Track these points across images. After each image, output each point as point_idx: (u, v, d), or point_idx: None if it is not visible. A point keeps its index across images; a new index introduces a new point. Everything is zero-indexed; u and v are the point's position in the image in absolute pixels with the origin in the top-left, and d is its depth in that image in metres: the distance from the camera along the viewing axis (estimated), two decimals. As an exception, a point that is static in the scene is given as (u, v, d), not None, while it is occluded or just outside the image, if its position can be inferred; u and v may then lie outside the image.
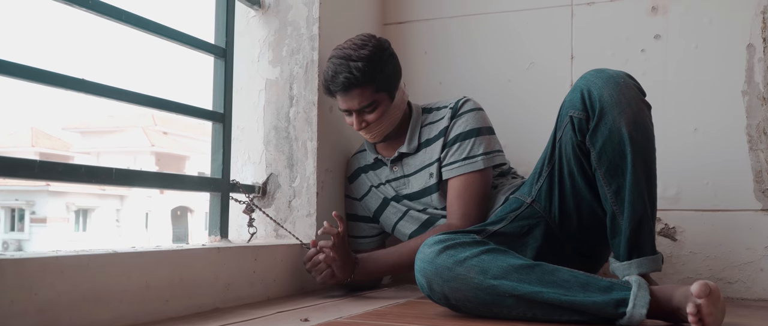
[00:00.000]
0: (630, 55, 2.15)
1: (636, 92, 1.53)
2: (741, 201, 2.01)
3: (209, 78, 1.91)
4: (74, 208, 25.80)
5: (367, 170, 2.05)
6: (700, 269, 2.03)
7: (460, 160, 1.85)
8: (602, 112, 1.50)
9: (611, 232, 1.56)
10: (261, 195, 2.02)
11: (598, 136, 1.51)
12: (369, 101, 1.82)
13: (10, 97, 42.72)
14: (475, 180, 1.84)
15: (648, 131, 1.52)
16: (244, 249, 1.67)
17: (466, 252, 1.44)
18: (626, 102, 1.49)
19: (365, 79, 1.78)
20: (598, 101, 1.50)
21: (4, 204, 25.26)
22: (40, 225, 24.92)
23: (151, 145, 28.27)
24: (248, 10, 2.08)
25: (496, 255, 1.44)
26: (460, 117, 1.88)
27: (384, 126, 1.89)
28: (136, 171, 1.57)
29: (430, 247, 1.47)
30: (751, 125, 2.01)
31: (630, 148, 1.48)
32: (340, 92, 1.80)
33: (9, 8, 49.40)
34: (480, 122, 1.88)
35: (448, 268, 1.43)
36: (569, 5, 2.23)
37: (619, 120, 1.48)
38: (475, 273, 1.41)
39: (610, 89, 1.50)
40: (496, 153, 1.89)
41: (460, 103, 1.91)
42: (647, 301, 1.31)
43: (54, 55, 47.25)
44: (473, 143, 1.85)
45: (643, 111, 1.52)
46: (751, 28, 2.03)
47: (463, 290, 1.42)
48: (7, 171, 1.23)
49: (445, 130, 1.89)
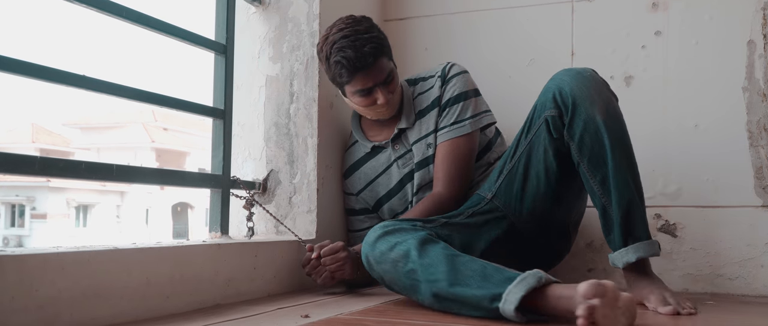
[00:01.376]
0: (630, 51, 2.14)
1: (604, 85, 1.62)
2: (741, 198, 2.01)
3: (210, 74, 1.91)
4: (75, 204, 25.82)
5: (363, 163, 2.03)
6: (700, 265, 2.03)
7: (448, 125, 1.89)
8: (575, 105, 1.57)
9: (605, 228, 1.62)
10: (261, 191, 2.02)
11: (575, 129, 1.58)
12: (390, 69, 1.85)
13: (11, 93, 42.73)
14: (461, 144, 1.87)
15: (620, 120, 1.59)
16: (244, 245, 1.67)
17: (398, 238, 1.51)
18: (597, 94, 1.57)
19: (385, 47, 1.83)
20: (570, 96, 1.58)
21: (5, 199, 25.27)
22: (41, 221, 24.94)
23: (152, 141, 28.28)
24: (249, 7, 2.08)
25: (424, 244, 1.47)
26: (449, 81, 1.92)
27: (398, 96, 1.92)
28: (136, 168, 1.57)
29: (374, 232, 1.56)
30: (752, 121, 2.01)
31: (607, 136, 1.54)
32: (368, 66, 1.78)
33: (10, 4, 49.39)
34: (467, 85, 1.92)
35: (382, 252, 1.52)
36: (570, 1, 2.23)
37: (592, 110, 1.56)
38: (399, 257, 1.49)
39: (580, 84, 1.58)
40: (483, 113, 1.92)
41: (446, 68, 1.94)
42: (519, 298, 1.27)
43: (55, 51, 47.25)
44: (461, 107, 1.89)
45: (612, 102, 1.61)
46: (752, 25, 2.02)
47: (390, 273, 1.51)
48: (7, 167, 1.23)
49: (438, 98, 1.92)
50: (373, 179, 2.01)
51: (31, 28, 50.50)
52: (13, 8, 50.47)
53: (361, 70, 1.79)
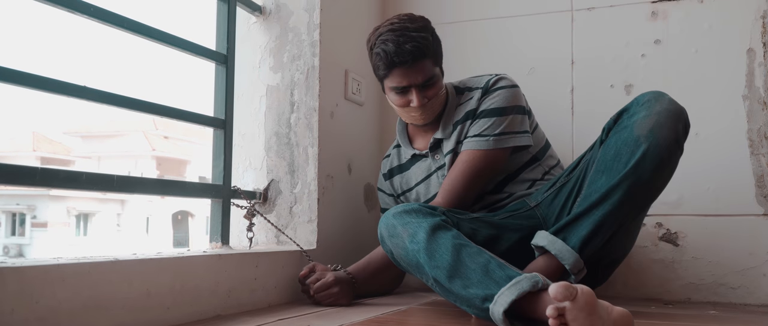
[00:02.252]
0: (630, 59, 2.15)
1: (678, 116, 1.50)
2: (743, 206, 2.00)
3: (210, 83, 1.92)
4: (75, 213, 25.79)
5: (406, 168, 1.98)
6: (702, 274, 2.02)
7: (471, 136, 1.79)
8: (629, 108, 1.54)
9: (560, 207, 1.66)
10: (262, 201, 2.02)
11: (613, 131, 1.55)
12: (431, 74, 1.76)
13: (12, 102, 42.80)
14: (476, 158, 1.77)
15: (665, 150, 1.47)
16: (245, 255, 1.67)
17: (413, 219, 1.52)
18: (660, 110, 1.49)
19: (430, 50, 1.75)
20: (635, 102, 1.54)
21: (5, 208, 25.25)
22: (41, 230, 24.90)
23: (152, 149, 28.28)
24: (249, 17, 2.09)
25: (436, 230, 1.48)
26: (489, 94, 1.80)
27: (439, 103, 1.83)
28: (137, 178, 1.57)
29: (394, 209, 1.58)
30: (752, 130, 2.01)
31: (633, 153, 1.47)
32: (407, 64, 1.72)
33: (12, 15, 49.53)
34: (507, 101, 1.78)
35: (394, 227, 1.54)
36: (569, 10, 2.23)
37: (641, 120, 1.49)
38: (409, 236, 1.50)
39: (653, 95, 1.53)
40: (515, 134, 1.78)
41: (491, 81, 1.82)
42: (509, 301, 1.27)
43: (57, 61, 47.34)
44: (492, 122, 1.77)
45: (672, 129, 1.48)
46: (751, 33, 2.03)
47: (399, 249, 1.53)
48: (8, 179, 1.23)
49: (473, 111, 1.81)
50: (413, 186, 1.96)
51: (33, 38, 50.64)
52: (16, 18, 50.62)
53: (398, 66, 1.73)
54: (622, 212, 1.50)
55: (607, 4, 2.19)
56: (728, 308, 1.86)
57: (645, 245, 2.07)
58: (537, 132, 1.89)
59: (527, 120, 1.82)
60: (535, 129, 1.89)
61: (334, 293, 1.72)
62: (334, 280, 1.72)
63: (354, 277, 1.78)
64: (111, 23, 1.51)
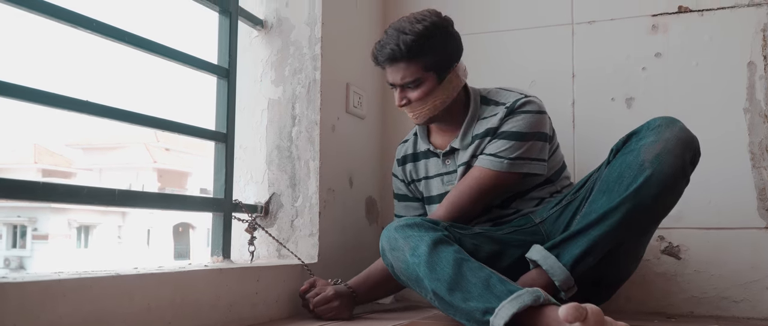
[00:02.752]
0: (631, 72, 2.15)
1: (687, 145, 1.49)
2: (745, 219, 2.00)
3: (211, 95, 1.92)
4: (76, 225, 25.79)
5: (418, 159, 1.96)
6: (704, 288, 2.02)
7: (487, 154, 1.76)
8: (639, 131, 1.54)
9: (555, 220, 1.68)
10: (263, 214, 2.02)
11: (620, 153, 1.55)
12: (413, 78, 1.74)
13: (13, 114, 42.89)
14: (487, 178, 1.74)
15: (669, 178, 1.47)
16: (246, 270, 1.67)
17: (415, 232, 1.52)
18: (669, 137, 1.48)
19: (411, 53, 1.71)
20: (646, 126, 1.54)
21: (6, 220, 25.25)
22: (42, 242, 24.90)
23: (154, 161, 28.33)
24: (251, 31, 2.09)
25: (437, 244, 1.48)
26: (513, 115, 1.75)
27: (428, 108, 1.79)
28: (138, 192, 1.57)
29: (396, 222, 1.58)
30: (754, 143, 2.01)
31: (636, 177, 1.47)
32: (386, 63, 1.76)
33: (15, 29, 49.74)
34: (530, 126, 1.74)
35: (395, 238, 1.54)
36: (570, 24, 2.24)
37: (648, 145, 1.49)
38: (410, 250, 1.50)
39: (665, 121, 1.52)
40: (531, 161, 1.74)
41: (518, 102, 1.76)
42: (510, 314, 1.28)
43: (60, 76, 47.52)
44: (510, 145, 1.73)
45: (679, 157, 1.47)
46: (752, 46, 2.03)
47: (399, 262, 1.53)
48: (9, 193, 1.23)
49: (494, 129, 1.77)
50: (421, 178, 1.95)
51: (36, 53, 50.83)
52: (18, 32, 50.82)
53: (382, 66, 1.79)
54: (619, 234, 1.50)
55: (608, 17, 2.19)
56: (731, 322, 1.86)
57: (647, 259, 2.06)
58: (556, 155, 1.86)
59: (547, 147, 1.79)
60: (555, 152, 1.85)
61: (335, 307, 1.71)
62: (334, 294, 1.72)
63: (354, 291, 1.77)
64: (114, 38, 1.51)
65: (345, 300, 1.74)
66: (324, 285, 1.77)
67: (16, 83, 1.26)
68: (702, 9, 2.09)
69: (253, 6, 2.10)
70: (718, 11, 2.08)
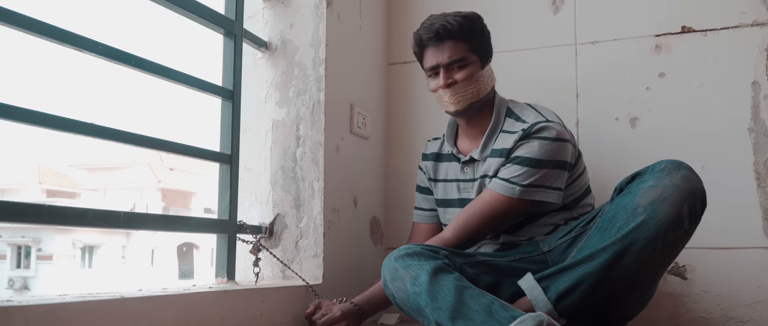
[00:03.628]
0: (635, 92, 2.15)
1: (687, 195, 1.44)
2: (750, 239, 1.99)
3: (215, 115, 1.93)
4: (80, 245, 25.77)
5: (442, 160, 1.96)
6: (711, 308, 2.01)
7: (500, 178, 1.72)
8: (643, 172, 1.51)
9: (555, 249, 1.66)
10: (268, 235, 2.02)
11: (622, 192, 1.52)
12: (460, 56, 1.76)
13: (18, 135, 43.10)
14: (498, 203, 1.71)
15: (661, 226, 1.43)
16: (251, 291, 1.66)
17: (415, 262, 1.51)
18: (668, 184, 1.44)
19: (461, 32, 1.76)
20: (651, 167, 1.51)
21: (11, 241, 25.25)
22: (47, 263, 24.87)
23: (158, 181, 28.35)
24: (255, 52, 2.11)
25: (437, 273, 1.47)
26: (528, 140, 1.72)
27: (471, 91, 1.78)
28: (143, 215, 1.58)
29: (396, 252, 1.56)
30: (759, 162, 2.00)
31: (628, 221, 1.45)
32: (433, 42, 1.77)
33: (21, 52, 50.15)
34: (545, 154, 1.69)
35: (396, 268, 1.53)
36: (573, 44, 2.24)
37: (646, 189, 1.46)
38: (411, 279, 1.49)
39: (670, 166, 1.48)
40: (545, 189, 1.70)
41: (535, 126, 1.72)
42: None
43: (66, 98, 47.82)
44: (524, 171, 1.69)
45: (675, 207, 1.43)
46: (756, 66, 2.03)
47: (400, 292, 1.51)
48: (15, 217, 1.24)
49: (509, 151, 1.74)
50: (440, 179, 1.95)
51: (42, 75, 51.19)
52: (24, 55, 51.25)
53: (426, 45, 1.79)
54: (604, 275, 1.46)
55: (611, 37, 2.20)
56: (738, 342, 1.84)
57: (653, 278, 2.05)
58: (578, 181, 1.82)
59: (564, 175, 1.74)
60: (578, 178, 1.82)
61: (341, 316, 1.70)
62: (341, 315, 1.71)
63: (360, 308, 1.76)
64: (119, 61, 1.52)
65: (352, 319, 1.73)
66: (330, 305, 1.76)
67: (22, 106, 1.26)
68: (705, 29, 2.10)
69: (257, 28, 2.11)
70: (721, 31, 2.08)
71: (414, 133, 2.45)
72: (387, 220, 2.43)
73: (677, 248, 1.51)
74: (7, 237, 25.03)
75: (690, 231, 1.47)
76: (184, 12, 1.76)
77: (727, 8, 2.08)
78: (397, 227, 2.42)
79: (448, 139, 1.94)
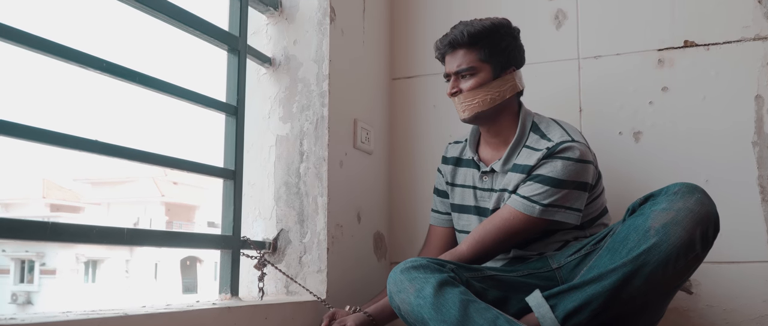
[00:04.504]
0: (638, 106, 2.15)
1: (700, 219, 1.43)
2: (755, 253, 1.99)
3: (219, 129, 1.93)
4: (84, 260, 25.77)
5: (462, 165, 1.95)
6: (717, 322, 2.00)
7: (520, 195, 1.71)
8: (657, 194, 1.49)
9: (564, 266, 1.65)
10: (271, 251, 2.02)
11: (635, 213, 1.51)
12: (468, 65, 1.78)
13: (22, 149, 43.21)
14: (517, 220, 1.70)
15: (673, 249, 1.41)
16: (254, 307, 1.66)
17: (421, 274, 1.50)
18: (682, 207, 1.43)
19: (471, 41, 1.78)
20: (665, 189, 1.49)
21: (14, 255, 25.28)
22: (50, 277, 24.87)
23: (162, 195, 28.40)
24: (259, 68, 2.11)
25: (443, 286, 1.46)
26: (551, 160, 1.70)
27: (477, 102, 1.78)
28: (147, 231, 1.58)
29: (402, 264, 1.55)
30: (763, 176, 2.00)
31: (639, 243, 1.44)
32: (447, 50, 1.82)
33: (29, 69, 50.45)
34: (568, 174, 1.68)
35: (401, 281, 1.51)
36: (576, 59, 2.25)
37: (659, 212, 1.44)
38: (416, 292, 1.47)
39: (684, 189, 1.47)
40: (565, 209, 1.69)
41: (559, 146, 1.70)
42: None
43: (71, 115, 48.02)
44: (544, 191, 1.68)
45: (688, 231, 1.41)
46: (758, 80, 2.04)
47: (406, 305, 1.50)
48: (19, 234, 1.24)
49: (531, 168, 1.72)
50: (458, 184, 1.95)
51: (46, 92, 51.42)
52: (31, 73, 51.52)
53: (445, 53, 1.84)
54: (613, 296, 1.46)
55: (614, 52, 2.21)
56: (745, 358, 1.83)
57: (658, 293, 2.05)
58: (596, 203, 1.81)
59: (584, 196, 1.72)
60: (596, 199, 1.80)
61: None
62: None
63: (374, 319, 1.75)
64: (124, 78, 1.53)
65: (367, 323, 1.70)
66: (344, 315, 1.75)
67: (26, 124, 1.27)
68: (708, 43, 2.10)
69: (261, 44, 2.12)
70: (723, 45, 2.08)
71: (417, 147, 2.45)
72: (391, 235, 2.43)
73: (688, 272, 1.48)
74: (10, 252, 25.05)
75: (702, 255, 1.45)
76: (188, 29, 1.77)
77: (729, 22, 2.09)
78: (401, 242, 2.42)
79: (470, 144, 1.94)
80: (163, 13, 1.66)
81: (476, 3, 2.40)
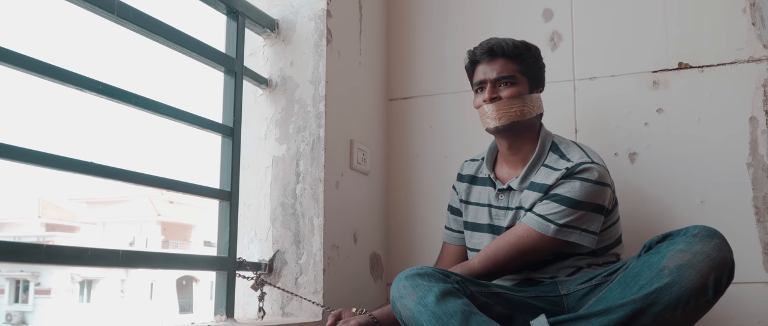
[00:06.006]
0: (633, 128, 2.16)
1: (716, 265, 1.41)
2: (751, 274, 1.99)
3: (215, 150, 1.93)
4: (79, 279, 25.64)
5: (476, 182, 1.94)
6: (713, 344, 1.99)
7: (535, 214, 1.70)
8: (676, 234, 1.48)
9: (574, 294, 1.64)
10: (267, 272, 2.01)
11: (650, 251, 1.49)
12: (509, 73, 1.79)
13: (17, 169, 43.15)
14: (531, 239, 1.69)
15: (685, 292, 1.39)
16: (250, 329, 1.65)
17: (424, 282, 1.49)
18: (699, 251, 1.41)
19: (515, 53, 1.80)
20: (685, 230, 1.48)
21: (9, 275, 25.14)
22: (45, 297, 24.72)
23: (158, 214, 28.34)
24: (256, 89, 2.12)
25: (446, 295, 1.45)
26: (569, 180, 1.69)
27: (515, 110, 1.77)
28: (141, 253, 1.58)
29: (407, 271, 1.55)
30: (758, 197, 2.01)
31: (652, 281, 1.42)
32: (485, 58, 1.81)
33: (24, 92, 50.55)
34: (585, 196, 1.67)
35: (404, 287, 1.51)
36: (572, 80, 2.26)
37: (675, 252, 1.43)
38: (418, 299, 1.47)
39: (704, 233, 1.46)
40: (581, 231, 1.67)
41: (579, 167, 1.69)
42: None
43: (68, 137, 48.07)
44: (561, 210, 1.67)
45: (702, 276, 1.39)
46: (753, 101, 2.05)
47: (408, 311, 1.49)
48: (14, 256, 1.24)
49: (549, 188, 1.71)
50: (472, 202, 1.93)
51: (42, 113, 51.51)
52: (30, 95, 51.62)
53: (479, 62, 1.83)
54: None
55: (609, 73, 2.22)
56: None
57: (654, 314, 2.04)
58: (611, 230, 1.79)
59: (600, 219, 1.71)
60: (611, 226, 1.79)
61: None
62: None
63: (379, 322, 1.74)
64: (121, 100, 1.54)
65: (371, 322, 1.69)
66: (350, 315, 1.73)
67: (22, 147, 1.27)
68: (702, 65, 2.12)
69: (258, 65, 2.13)
70: (718, 67, 2.10)
71: (414, 168, 2.45)
72: (387, 256, 2.43)
73: (696, 317, 1.46)
74: (5, 272, 24.91)
75: (712, 301, 1.43)
76: (185, 50, 1.77)
77: (723, 45, 2.10)
78: (397, 263, 2.41)
79: (488, 162, 1.92)
80: (161, 36, 1.67)
81: (471, 26, 2.41)
